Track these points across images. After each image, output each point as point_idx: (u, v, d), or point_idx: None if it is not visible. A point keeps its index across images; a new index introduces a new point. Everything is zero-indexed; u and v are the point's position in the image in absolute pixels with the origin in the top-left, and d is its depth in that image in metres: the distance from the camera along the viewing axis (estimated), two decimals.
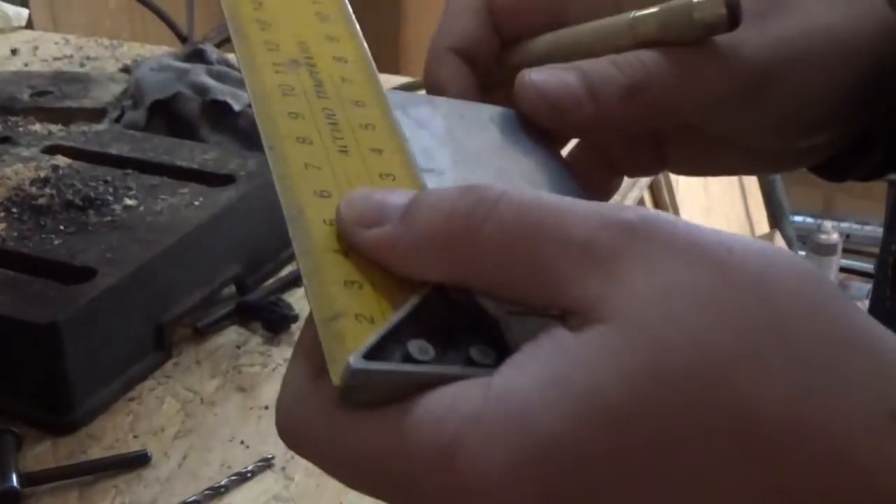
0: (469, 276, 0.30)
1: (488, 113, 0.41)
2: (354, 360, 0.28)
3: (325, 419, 0.29)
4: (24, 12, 1.43)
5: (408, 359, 0.29)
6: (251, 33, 0.38)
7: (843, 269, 2.87)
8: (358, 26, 0.40)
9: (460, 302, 0.31)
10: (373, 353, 0.28)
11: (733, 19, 0.40)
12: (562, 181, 0.40)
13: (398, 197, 0.31)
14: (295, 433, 0.30)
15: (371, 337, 0.29)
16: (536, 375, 0.28)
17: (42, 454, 0.67)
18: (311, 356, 0.30)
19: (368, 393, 0.29)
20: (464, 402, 0.28)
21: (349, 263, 0.31)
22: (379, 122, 0.36)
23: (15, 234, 0.76)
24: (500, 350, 0.29)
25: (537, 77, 0.40)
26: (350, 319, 0.30)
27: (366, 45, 0.39)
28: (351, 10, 0.41)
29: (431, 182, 0.35)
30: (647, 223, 0.29)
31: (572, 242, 0.29)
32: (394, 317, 0.30)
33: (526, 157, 0.40)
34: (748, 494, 0.27)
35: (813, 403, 0.27)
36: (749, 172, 0.93)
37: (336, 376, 0.28)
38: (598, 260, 0.29)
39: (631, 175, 0.47)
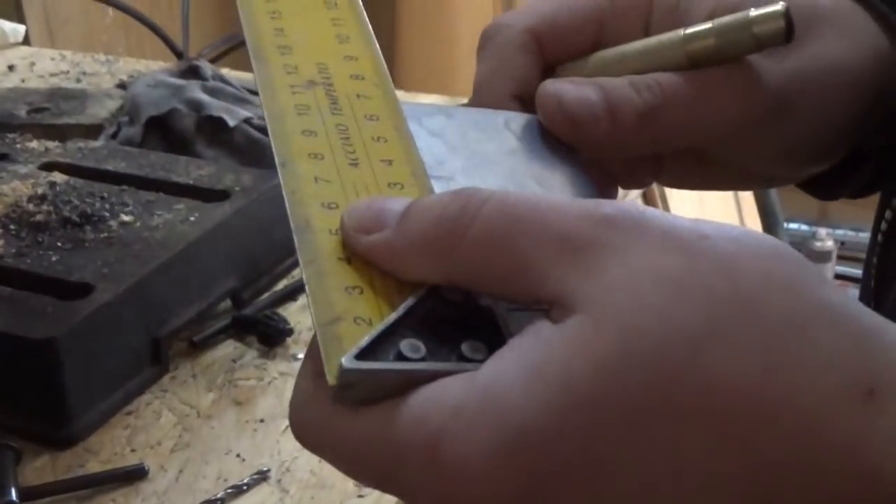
0: (459, 276, 0.32)
1: (503, 118, 0.42)
2: (346, 360, 0.30)
3: (325, 416, 0.31)
4: (21, 29, 1.44)
5: (400, 357, 0.30)
6: (271, 58, 0.40)
7: (837, 276, 2.87)
8: (377, 45, 0.42)
9: (455, 301, 0.32)
10: (365, 354, 0.30)
11: (790, 32, 0.40)
12: (576, 183, 0.41)
13: (397, 204, 0.33)
14: (301, 428, 0.32)
15: (364, 338, 0.30)
16: (516, 366, 0.29)
17: (41, 468, 0.68)
18: (317, 359, 0.32)
19: (362, 391, 0.30)
20: (449, 395, 0.29)
21: (351, 270, 0.33)
22: (391, 134, 0.38)
23: (13, 250, 0.77)
24: (498, 345, 0.31)
25: (559, 88, 0.41)
26: (349, 322, 0.31)
27: (384, 62, 0.41)
28: (371, 31, 0.42)
29: (440, 189, 0.36)
30: (622, 214, 0.30)
31: (551, 236, 0.30)
32: (388, 318, 0.31)
33: (539, 160, 0.41)
34: (720, 470, 0.28)
35: (778, 378, 0.27)
36: (741, 189, 0.94)
37: (331, 376, 0.30)
38: (574, 252, 0.30)
39: (625, 187, 0.48)
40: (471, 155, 0.40)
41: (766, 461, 0.28)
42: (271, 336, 0.80)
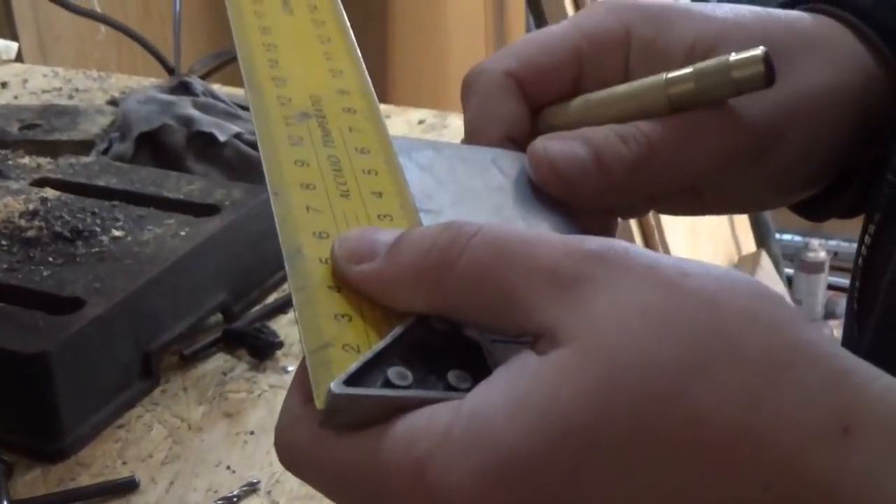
0: (447, 306, 0.32)
1: (491, 155, 0.43)
2: (335, 385, 0.30)
3: (312, 440, 0.32)
4: (14, 46, 1.45)
5: (387, 384, 0.31)
6: (266, 90, 0.40)
7: (830, 287, 2.88)
8: (369, 80, 0.43)
9: (442, 331, 0.33)
10: (353, 380, 0.31)
11: (769, 76, 0.41)
12: (558, 218, 0.41)
13: (387, 235, 0.34)
14: (287, 452, 0.33)
15: (353, 364, 0.31)
16: (502, 395, 0.29)
17: (32, 482, 0.69)
18: (304, 384, 0.32)
19: (349, 416, 0.31)
20: (436, 421, 0.30)
21: (341, 298, 0.34)
22: (381, 167, 0.39)
23: (4, 265, 0.78)
24: (483, 375, 0.31)
25: (549, 148, 0.42)
26: (337, 349, 0.32)
27: (375, 96, 0.42)
28: (363, 65, 0.43)
29: (429, 221, 0.37)
30: (607, 250, 0.31)
31: (539, 271, 0.31)
32: (376, 346, 0.32)
33: (525, 197, 0.42)
34: (699, 501, 0.28)
35: (760, 415, 0.28)
36: (736, 213, 0.95)
37: (319, 400, 0.31)
38: (561, 286, 0.30)
39: (624, 217, 0.49)
40: (459, 189, 0.40)
41: (747, 494, 0.28)
42: (261, 349, 0.81)
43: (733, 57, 0.41)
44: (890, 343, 0.42)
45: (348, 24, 0.45)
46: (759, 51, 0.40)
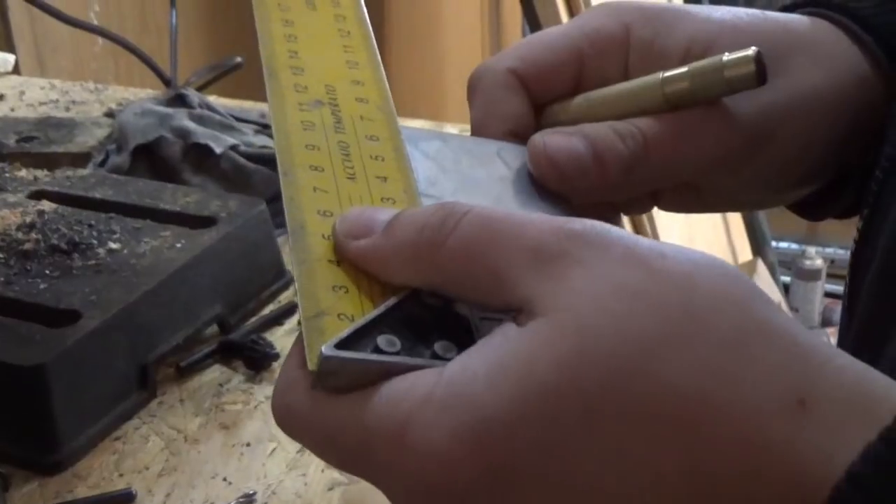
0: (437, 281, 0.35)
1: (496, 147, 0.44)
2: (326, 348, 0.32)
3: (304, 401, 0.34)
4: (11, 58, 1.45)
5: (377, 350, 0.33)
6: (283, 77, 0.43)
7: (827, 294, 2.89)
8: (383, 73, 0.45)
9: (433, 305, 0.35)
10: (345, 344, 0.33)
11: (761, 76, 0.42)
12: (557, 210, 0.43)
13: (384, 214, 0.36)
14: (282, 412, 0.35)
15: (345, 330, 0.33)
16: (481, 363, 0.31)
17: (29, 494, 0.69)
18: (301, 351, 0.34)
19: (339, 378, 0.33)
20: (418, 386, 0.32)
21: (339, 271, 0.36)
22: (389, 154, 0.41)
23: (1, 278, 0.78)
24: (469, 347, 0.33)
25: (548, 142, 0.43)
26: (332, 317, 0.34)
27: (388, 88, 0.44)
28: (379, 58, 0.45)
29: None
30: (590, 230, 0.33)
31: (523, 248, 0.33)
32: (369, 315, 0.34)
33: (525, 189, 0.43)
34: (664, 468, 0.30)
35: (722, 387, 0.30)
36: (735, 210, 0.96)
37: (312, 363, 0.33)
38: (544, 262, 0.32)
39: (626, 213, 0.50)
40: (462, 178, 0.42)
41: (705, 461, 0.30)
42: (258, 360, 0.81)
43: (726, 57, 0.42)
44: (874, 331, 0.43)
45: (367, 18, 0.47)
46: (750, 51, 0.42)
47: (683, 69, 0.43)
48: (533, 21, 1.84)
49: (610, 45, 0.46)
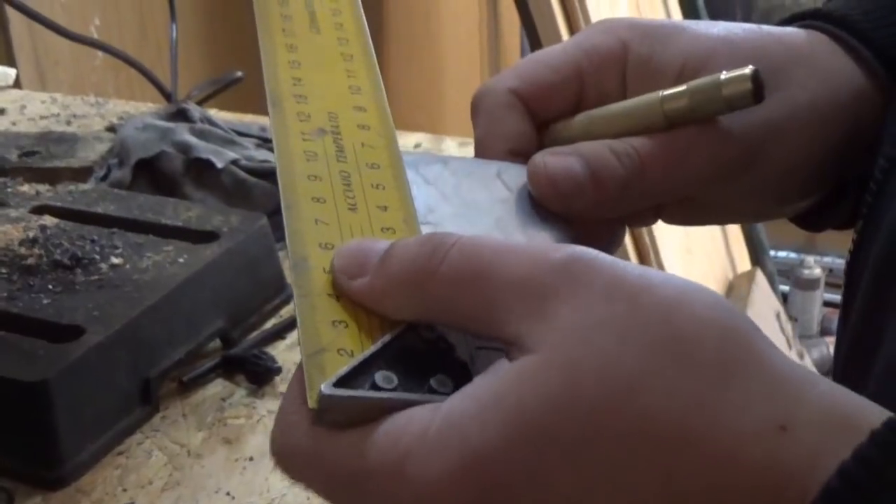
0: (430, 315, 0.35)
1: (496, 168, 0.45)
2: (325, 387, 0.33)
3: (304, 440, 0.34)
4: (12, 72, 1.45)
5: (374, 387, 0.34)
6: (287, 107, 0.43)
7: (826, 304, 2.89)
8: (385, 97, 0.45)
9: (429, 338, 0.36)
10: (343, 382, 0.34)
11: (759, 93, 0.42)
12: (557, 229, 0.44)
13: (377, 248, 0.37)
14: (283, 451, 0.35)
15: (343, 368, 0.34)
16: (474, 399, 0.32)
17: None
18: (299, 388, 0.35)
19: (339, 415, 0.34)
20: (416, 422, 0.33)
21: (339, 306, 0.37)
22: (389, 182, 0.41)
23: (4, 294, 0.78)
24: (464, 380, 0.34)
25: (547, 163, 0.44)
26: (332, 353, 0.35)
27: (389, 113, 0.45)
28: (381, 82, 0.46)
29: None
30: (573, 263, 0.34)
31: (507, 284, 0.34)
32: (366, 351, 0.35)
33: (525, 209, 0.44)
34: (648, 491, 0.31)
35: (704, 416, 0.31)
36: (738, 222, 0.97)
37: (312, 400, 0.34)
38: (528, 299, 0.33)
39: (631, 226, 0.51)
40: (462, 203, 0.43)
41: (690, 487, 0.31)
42: (260, 375, 0.81)
43: (724, 75, 0.43)
44: (867, 338, 0.44)
45: (370, 41, 0.47)
46: (747, 69, 0.42)
47: (682, 87, 0.44)
48: (531, 32, 1.85)
49: (608, 62, 0.47)
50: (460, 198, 0.43)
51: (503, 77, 0.48)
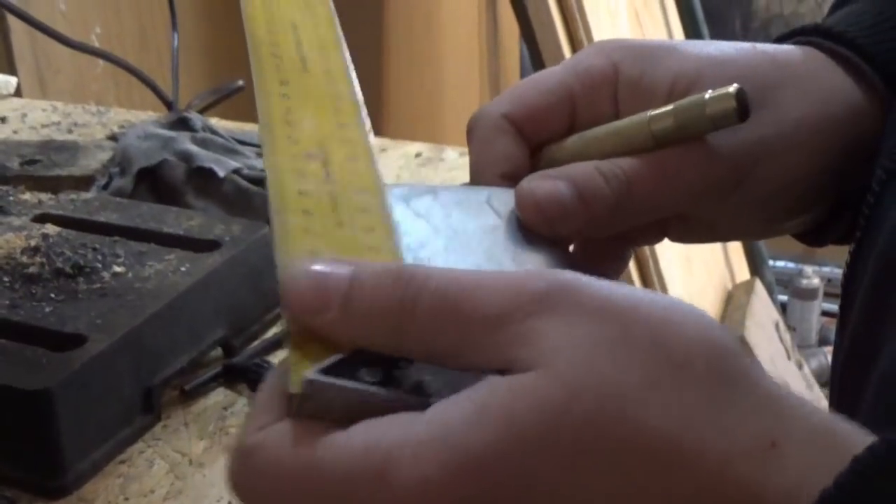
0: (407, 353, 0.35)
1: (486, 195, 0.45)
2: (310, 373, 0.34)
3: (277, 462, 0.34)
4: (13, 81, 1.46)
5: (358, 381, 0.34)
6: (277, 130, 0.44)
7: (825, 313, 2.89)
8: (368, 134, 0.46)
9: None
10: (328, 371, 0.34)
11: (743, 112, 0.43)
12: (548, 252, 0.44)
13: (338, 281, 0.35)
14: (248, 470, 0.35)
15: (330, 358, 0.34)
16: (462, 406, 0.32)
17: None
18: (257, 419, 0.35)
19: (319, 403, 0.34)
20: (395, 427, 0.33)
21: None
22: (374, 207, 0.41)
23: (6, 302, 0.78)
24: (451, 381, 0.34)
25: (535, 188, 0.44)
26: (314, 345, 0.35)
27: (373, 147, 0.45)
28: (366, 122, 0.46)
29: None
30: (557, 288, 0.34)
31: (485, 320, 0.33)
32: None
33: (515, 235, 0.44)
34: (638, 502, 0.32)
35: (695, 431, 0.31)
36: (742, 239, 0.97)
37: (295, 385, 0.34)
38: (512, 329, 0.33)
39: (638, 245, 0.51)
40: (452, 235, 0.43)
41: (678, 496, 0.31)
42: (261, 383, 0.81)
43: (708, 94, 0.43)
44: (864, 349, 0.44)
45: (355, 78, 0.48)
46: (731, 88, 0.43)
47: (669, 107, 0.44)
48: (531, 41, 1.85)
49: (600, 83, 0.48)
50: (451, 229, 0.43)
51: (497, 102, 0.48)
